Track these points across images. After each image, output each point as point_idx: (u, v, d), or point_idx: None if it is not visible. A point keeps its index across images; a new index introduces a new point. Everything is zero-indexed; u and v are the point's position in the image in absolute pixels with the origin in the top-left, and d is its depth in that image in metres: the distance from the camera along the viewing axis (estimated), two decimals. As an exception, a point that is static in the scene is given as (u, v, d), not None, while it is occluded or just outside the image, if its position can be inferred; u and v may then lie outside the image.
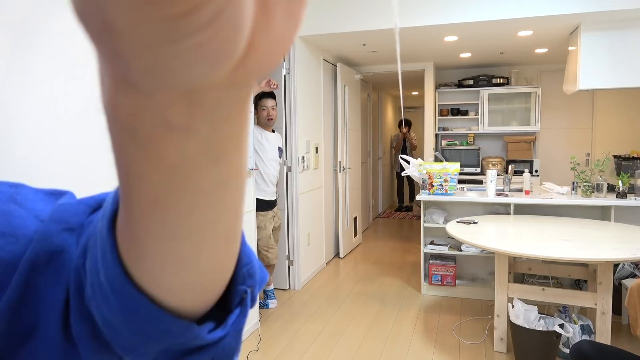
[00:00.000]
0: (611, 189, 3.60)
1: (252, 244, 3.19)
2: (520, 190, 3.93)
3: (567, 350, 2.63)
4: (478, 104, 5.82)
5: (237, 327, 0.29)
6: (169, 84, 0.16)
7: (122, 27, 0.14)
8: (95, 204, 0.36)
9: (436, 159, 5.11)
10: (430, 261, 3.89)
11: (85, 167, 1.77)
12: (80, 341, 0.30)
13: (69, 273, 0.31)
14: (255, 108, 3.39)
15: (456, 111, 6.04)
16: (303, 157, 4.15)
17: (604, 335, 2.55)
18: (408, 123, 7.80)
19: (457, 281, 3.87)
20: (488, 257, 3.77)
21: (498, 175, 4.30)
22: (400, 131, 7.77)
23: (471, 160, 5.97)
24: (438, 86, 5.99)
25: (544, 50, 4.85)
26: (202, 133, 0.19)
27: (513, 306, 2.67)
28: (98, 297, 0.27)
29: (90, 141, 1.79)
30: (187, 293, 0.25)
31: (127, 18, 0.14)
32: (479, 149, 5.99)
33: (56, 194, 0.38)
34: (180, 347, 0.27)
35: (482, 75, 5.76)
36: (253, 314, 3.20)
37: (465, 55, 5.11)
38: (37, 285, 0.31)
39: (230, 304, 0.29)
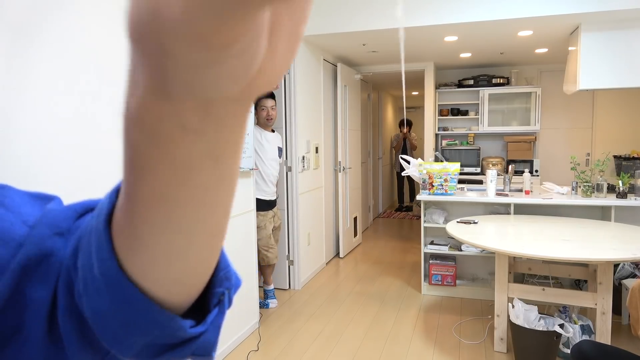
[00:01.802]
0: (611, 189, 3.60)
1: (252, 244, 3.19)
2: (521, 190, 3.93)
3: (567, 350, 2.63)
4: (478, 104, 5.82)
5: (216, 324, 0.31)
6: (197, 95, 0.20)
7: (177, 52, 0.18)
8: (82, 210, 0.37)
9: (436, 159, 5.11)
10: (431, 261, 3.89)
11: (85, 167, 1.77)
12: (67, 339, 0.31)
13: (56, 275, 0.33)
14: (255, 108, 3.39)
15: (456, 111, 6.03)
16: (303, 157, 4.15)
17: (604, 335, 2.55)
18: (408, 123, 7.79)
19: (457, 281, 3.87)
20: (488, 257, 3.77)
21: (498, 175, 4.30)
22: (400, 131, 7.77)
23: (471, 160, 5.96)
24: (438, 86, 5.99)
25: (544, 50, 4.85)
26: (209, 136, 0.22)
27: (513, 306, 2.67)
28: (90, 291, 0.29)
29: (89, 141, 1.79)
30: (173, 286, 0.28)
31: (184, 47, 0.18)
32: (479, 149, 5.99)
33: (42, 198, 0.39)
34: (164, 341, 0.29)
35: (482, 75, 5.76)
36: (253, 314, 3.20)
37: (466, 55, 5.11)
38: (25, 287, 0.32)
39: (208, 304, 0.31)
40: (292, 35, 0.21)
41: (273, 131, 3.55)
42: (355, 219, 5.52)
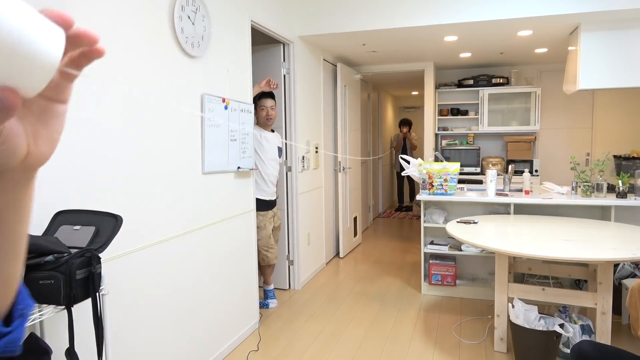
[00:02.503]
0: (611, 188, 3.60)
1: (252, 244, 3.19)
2: (520, 190, 3.93)
3: (567, 350, 2.63)
4: (478, 103, 5.82)
5: (21, 327, 0.43)
6: None
7: None
8: None
9: (436, 159, 5.11)
10: (431, 261, 3.89)
11: (85, 168, 1.77)
12: None
13: None
14: (255, 108, 3.38)
15: (456, 111, 6.04)
16: (303, 157, 4.15)
17: (604, 335, 2.55)
18: (408, 123, 7.79)
19: (457, 281, 3.87)
20: (488, 257, 3.77)
21: (498, 175, 4.30)
22: (400, 131, 7.77)
23: (471, 160, 5.97)
24: (438, 86, 5.99)
25: (544, 50, 4.85)
26: (9, 191, 0.36)
27: (513, 306, 2.67)
28: None
29: (89, 140, 1.79)
30: None
31: None
32: (478, 149, 5.99)
33: None
34: None
35: (482, 75, 5.76)
36: (253, 314, 3.20)
37: (465, 55, 5.11)
38: None
39: (13, 317, 0.44)
40: (49, 137, 0.36)
41: (273, 131, 3.55)
42: (355, 218, 5.52)
